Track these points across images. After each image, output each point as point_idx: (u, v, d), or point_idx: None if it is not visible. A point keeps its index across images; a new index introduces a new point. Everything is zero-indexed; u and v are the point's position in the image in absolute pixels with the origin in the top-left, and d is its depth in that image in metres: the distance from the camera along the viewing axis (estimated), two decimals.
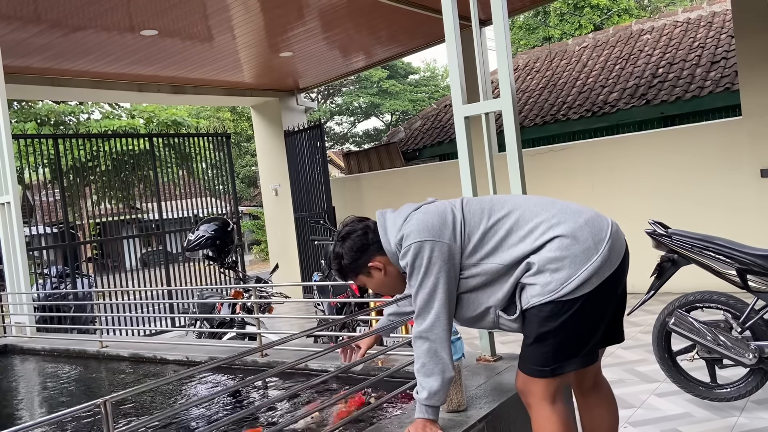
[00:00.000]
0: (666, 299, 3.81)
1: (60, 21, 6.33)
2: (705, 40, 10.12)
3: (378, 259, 2.15)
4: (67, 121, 15.52)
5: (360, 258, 2.16)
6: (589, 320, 2.00)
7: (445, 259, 2.00)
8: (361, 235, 2.16)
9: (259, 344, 3.29)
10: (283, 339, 2.24)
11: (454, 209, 2.08)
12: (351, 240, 2.17)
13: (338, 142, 29.76)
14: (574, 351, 2.00)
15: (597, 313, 2.01)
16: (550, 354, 1.99)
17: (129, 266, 8.77)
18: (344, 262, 2.18)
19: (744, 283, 3.32)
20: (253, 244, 23.93)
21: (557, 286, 1.94)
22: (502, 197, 2.17)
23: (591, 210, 2.09)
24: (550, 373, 2.00)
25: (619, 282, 2.05)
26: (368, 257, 2.15)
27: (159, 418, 1.69)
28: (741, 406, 3.63)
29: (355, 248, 2.15)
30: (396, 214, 2.15)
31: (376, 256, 2.15)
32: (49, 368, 4.14)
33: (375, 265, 2.16)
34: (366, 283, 2.24)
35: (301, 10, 7.04)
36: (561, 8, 20.36)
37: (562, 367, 2.00)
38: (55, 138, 8.02)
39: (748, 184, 6.77)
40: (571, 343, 2.00)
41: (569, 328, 1.97)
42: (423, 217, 2.05)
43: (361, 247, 2.15)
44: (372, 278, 2.20)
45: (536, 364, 2.02)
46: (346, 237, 2.18)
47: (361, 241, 2.15)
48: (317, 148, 9.72)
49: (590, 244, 1.97)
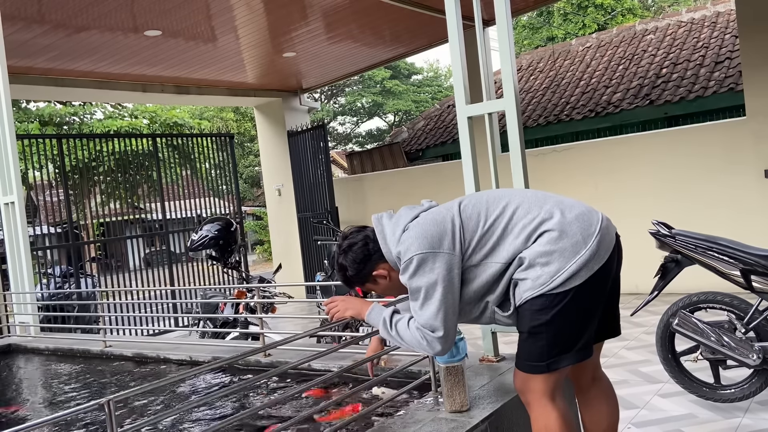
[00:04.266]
0: (670, 300, 3.80)
1: (64, 21, 6.35)
2: (709, 41, 10.10)
3: (382, 267, 2.18)
4: (70, 121, 15.56)
5: (364, 269, 2.19)
6: (581, 312, 2.02)
7: (447, 269, 2.02)
8: (362, 246, 2.20)
9: (262, 344, 3.30)
10: (286, 339, 2.25)
11: (453, 216, 2.09)
12: (353, 252, 2.20)
13: (341, 143, 29.78)
14: (569, 345, 2.03)
15: (588, 306, 2.04)
16: (545, 348, 2.02)
17: (132, 266, 8.79)
18: (349, 273, 2.22)
19: (748, 283, 3.31)
20: (257, 244, 23.96)
21: (547, 279, 1.98)
22: (497, 194, 2.18)
23: (582, 204, 2.12)
24: (546, 368, 2.02)
25: (608, 275, 2.08)
26: (371, 266, 2.19)
27: (162, 418, 1.69)
28: (745, 407, 3.62)
29: (358, 260, 2.19)
30: (394, 222, 2.16)
31: (379, 264, 2.18)
32: (53, 368, 4.15)
33: (379, 274, 2.19)
34: (373, 289, 2.29)
35: (305, 11, 7.05)
36: (565, 8, 20.34)
37: (558, 361, 2.02)
38: (59, 138, 8.04)
39: (751, 185, 6.76)
40: (565, 336, 2.02)
41: (562, 321, 1.99)
42: (421, 229, 2.06)
43: (364, 258, 2.19)
44: (378, 285, 2.24)
45: (531, 359, 2.04)
46: (347, 250, 2.21)
47: (363, 252, 2.19)
48: (320, 148, 9.73)
49: (579, 239, 2.00)
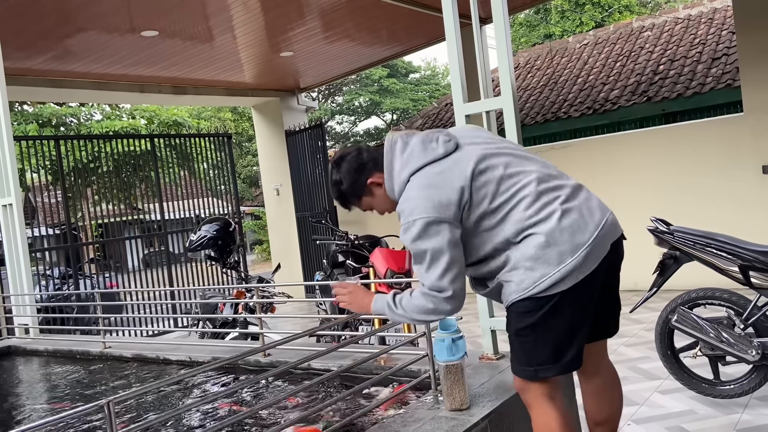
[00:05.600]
0: (668, 296, 3.81)
1: (61, 22, 6.33)
2: (706, 37, 10.11)
3: (377, 176, 2.14)
4: (68, 122, 15.54)
5: (358, 178, 2.15)
6: (566, 317, 1.99)
7: (452, 234, 1.98)
8: (355, 155, 2.17)
9: (262, 344, 3.30)
10: (285, 339, 2.25)
11: (464, 186, 2.00)
12: (346, 162, 2.16)
13: (339, 142, 29.76)
14: (557, 353, 2.00)
15: (575, 312, 2.00)
16: (532, 351, 2.01)
17: (131, 267, 8.78)
18: (343, 186, 2.17)
19: (746, 279, 3.32)
20: (255, 244, 23.96)
21: (530, 284, 1.96)
22: (512, 170, 2.05)
23: (589, 205, 2.04)
24: (534, 374, 2.02)
25: (596, 283, 2.02)
26: (366, 175, 2.15)
27: (162, 418, 1.69)
28: (744, 402, 3.62)
29: (352, 169, 2.15)
30: (405, 159, 2.07)
31: (374, 173, 2.14)
32: (53, 369, 4.15)
33: (375, 181, 2.15)
34: (371, 204, 2.22)
35: (301, 10, 7.04)
36: (562, 5, 20.34)
37: (546, 370, 2.01)
38: (57, 139, 8.03)
39: (750, 181, 6.76)
40: (551, 341, 1.99)
41: (546, 324, 1.98)
42: (428, 192, 1.99)
43: (358, 167, 2.15)
44: (374, 197, 2.18)
45: (521, 363, 2.05)
46: (340, 161, 2.18)
47: (356, 161, 2.15)
48: (318, 147, 9.73)
49: (566, 248, 1.95)
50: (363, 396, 2.69)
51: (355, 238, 4.94)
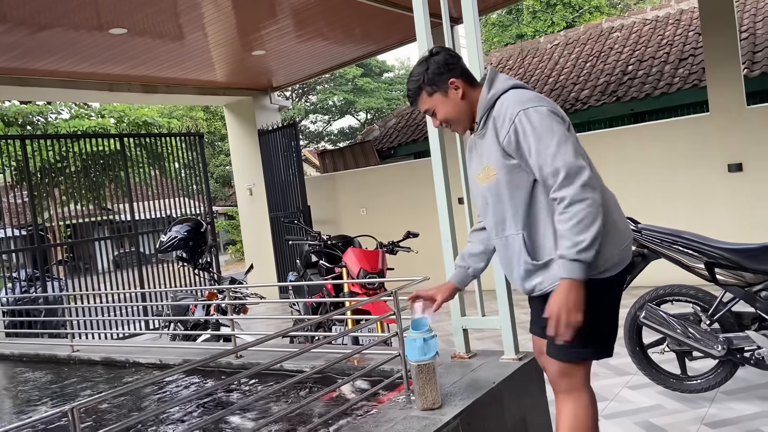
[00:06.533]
0: (637, 293, 3.87)
1: (26, 19, 6.19)
2: (673, 38, 10.30)
3: (460, 80, 2.19)
4: (35, 121, 15.20)
5: (444, 73, 2.18)
6: (616, 302, 2.10)
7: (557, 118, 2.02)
8: (453, 55, 2.23)
9: (234, 345, 3.27)
10: (258, 340, 2.23)
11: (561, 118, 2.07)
12: (441, 55, 2.21)
13: (313, 141, 29.65)
14: (610, 334, 2.08)
15: (618, 298, 2.12)
16: (592, 335, 2.03)
17: (101, 268, 8.63)
18: (428, 72, 2.20)
19: (712, 276, 3.39)
20: (229, 244, 23.76)
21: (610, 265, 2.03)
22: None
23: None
24: (594, 355, 2.08)
25: None
26: (453, 74, 2.19)
27: (129, 423, 1.67)
28: (711, 397, 3.70)
29: (444, 62, 2.19)
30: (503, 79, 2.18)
31: (460, 77, 2.19)
32: (19, 373, 4.06)
33: (455, 83, 2.18)
34: (437, 105, 2.22)
35: (273, 9, 6.99)
36: (534, 6, 20.55)
37: (597, 353, 2.08)
38: (23, 139, 7.86)
39: (716, 179, 6.90)
40: (607, 323, 2.08)
41: (605, 309, 2.05)
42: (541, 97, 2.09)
43: (450, 65, 2.19)
44: (447, 97, 2.20)
45: (579, 343, 2.00)
46: (437, 53, 2.23)
47: (452, 59, 2.21)
48: (292, 147, 9.67)
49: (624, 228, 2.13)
50: (337, 397, 2.69)
51: (328, 238, 4.93)
